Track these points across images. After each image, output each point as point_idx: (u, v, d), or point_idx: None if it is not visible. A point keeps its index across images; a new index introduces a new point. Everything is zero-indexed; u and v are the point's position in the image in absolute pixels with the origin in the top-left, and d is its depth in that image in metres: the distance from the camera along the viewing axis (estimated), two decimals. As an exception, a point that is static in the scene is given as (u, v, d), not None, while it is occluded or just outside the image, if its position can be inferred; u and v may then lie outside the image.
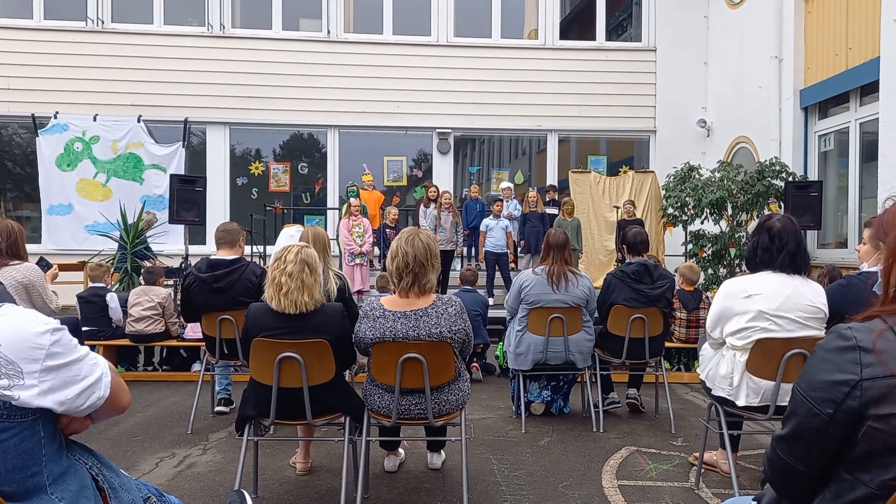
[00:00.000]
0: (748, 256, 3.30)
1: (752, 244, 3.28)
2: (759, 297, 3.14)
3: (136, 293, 6.29)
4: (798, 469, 1.37)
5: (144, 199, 10.77)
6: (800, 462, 1.37)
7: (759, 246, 3.21)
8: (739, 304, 3.20)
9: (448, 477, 3.80)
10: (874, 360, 1.25)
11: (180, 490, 3.53)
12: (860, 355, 1.27)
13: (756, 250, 3.23)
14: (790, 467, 1.39)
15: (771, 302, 3.13)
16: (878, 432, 1.25)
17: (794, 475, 1.39)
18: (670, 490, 3.59)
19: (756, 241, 3.24)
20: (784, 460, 1.40)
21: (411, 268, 3.13)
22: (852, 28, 8.29)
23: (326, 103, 11.65)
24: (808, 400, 1.33)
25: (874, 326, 1.29)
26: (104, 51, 11.24)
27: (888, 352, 1.25)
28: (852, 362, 1.27)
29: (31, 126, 11.00)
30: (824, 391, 1.31)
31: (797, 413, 1.37)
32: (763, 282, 3.18)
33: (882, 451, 1.25)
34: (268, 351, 3.09)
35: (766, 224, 3.24)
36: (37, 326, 1.37)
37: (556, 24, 12.28)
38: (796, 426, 1.37)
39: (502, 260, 9.68)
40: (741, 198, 8.74)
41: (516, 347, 4.79)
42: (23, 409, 1.34)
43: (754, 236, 3.28)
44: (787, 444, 1.39)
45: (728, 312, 3.25)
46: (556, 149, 12.39)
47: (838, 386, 1.28)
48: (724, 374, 3.30)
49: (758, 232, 3.26)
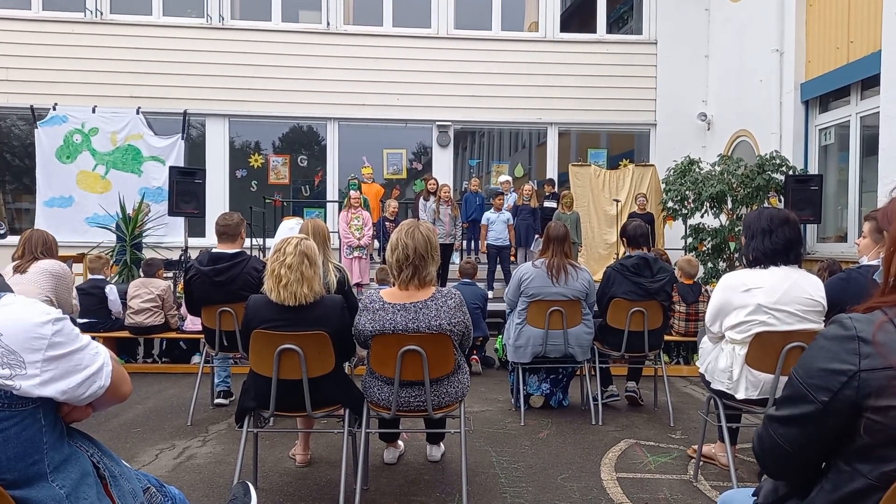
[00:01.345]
0: (746, 250, 3.28)
1: (749, 234, 3.25)
2: (759, 290, 3.15)
3: (136, 285, 6.30)
4: (786, 450, 1.39)
5: (143, 191, 10.75)
6: (788, 444, 1.38)
7: (779, 241, 3.16)
8: (738, 297, 3.20)
9: (447, 469, 3.81)
10: (873, 352, 1.25)
11: (180, 481, 3.54)
12: (859, 346, 1.27)
13: (754, 244, 3.21)
14: (778, 446, 1.40)
15: (770, 295, 3.13)
16: (877, 424, 1.25)
17: (781, 455, 1.40)
18: (669, 482, 3.61)
19: (775, 235, 3.17)
20: (773, 439, 1.41)
21: (411, 260, 3.13)
22: (853, 21, 8.26)
23: (326, 95, 11.62)
24: (805, 386, 1.34)
25: (875, 318, 1.29)
26: (103, 42, 11.20)
27: (888, 344, 1.25)
28: (851, 352, 1.28)
29: (29, 118, 10.96)
30: (821, 379, 1.31)
31: (792, 398, 1.38)
32: (762, 275, 3.18)
33: (882, 443, 1.26)
34: (268, 343, 3.09)
35: (762, 214, 3.23)
36: (38, 316, 1.37)
37: (556, 16, 12.23)
38: (790, 410, 1.38)
39: (504, 253, 9.69)
40: (741, 191, 8.73)
41: (516, 340, 4.80)
42: (24, 398, 1.34)
43: (750, 227, 3.26)
44: (779, 425, 1.40)
45: (727, 306, 3.26)
46: (556, 142, 12.37)
47: (835, 375, 1.29)
48: (724, 367, 3.30)
49: (778, 226, 3.19)
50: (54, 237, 4.80)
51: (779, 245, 3.17)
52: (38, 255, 4.58)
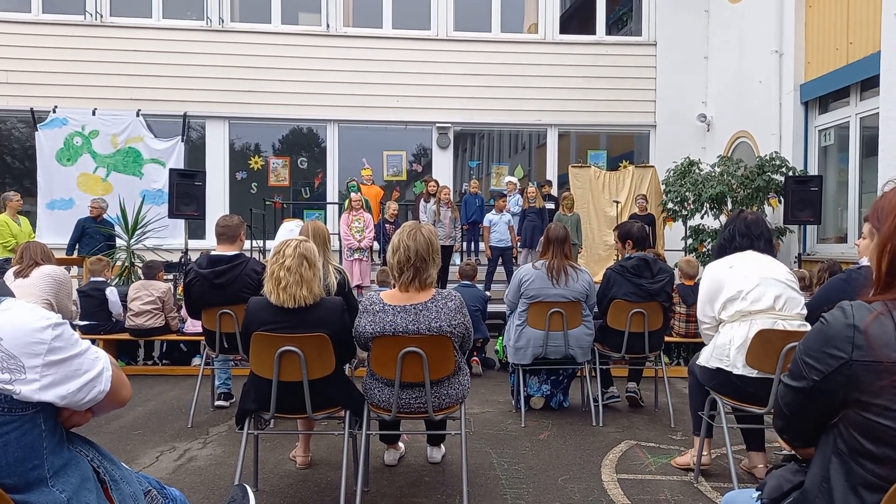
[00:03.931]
0: (724, 242, 3.50)
1: (727, 232, 3.49)
2: (743, 265, 3.33)
3: (136, 287, 6.30)
4: (784, 412, 1.53)
5: (144, 193, 10.76)
6: (786, 407, 1.52)
7: (738, 232, 3.43)
8: (726, 274, 3.35)
9: (448, 471, 3.81)
10: (864, 343, 1.29)
11: (181, 483, 3.54)
12: (854, 334, 1.31)
13: (734, 236, 3.43)
14: (779, 407, 1.56)
15: (755, 269, 3.29)
16: (864, 419, 1.30)
17: (781, 414, 1.56)
18: (669, 483, 3.60)
19: (732, 229, 3.46)
20: (778, 400, 1.57)
21: (412, 262, 3.13)
22: (853, 22, 8.27)
23: (326, 97, 11.63)
24: (801, 361, 1.43)
25: (874, 308, 1.31)
26: (103, 45, 11.21)
27: (878, 337, 1.27)
28: (846, 340, 1.33)
29: (29, 120, 10.96)
30: (816, 359, 1.39)
31: (793, 371, 1.48)
32: (743, 256, 3.37)
33: (875, 439, 1.28)
34: (268, 345, 3.09)
35: (740, 216, 3.51)
36: (38, 321, 1.37)
37: (555, 18, 12.24)
38: (790, 380, 1.49)
39: (506, 254, 9.71)
40: (741, 192, 8.74)
41: (516, 342, 4.80)
42: (24, 402, 1.34)
43: (729, 226, 3.53)
44: (784, 389, 1.53)
45: (717, 285, 3.36)
46: (556, 143, 12.38)
47: (829, 358, 1.35)
48: (721, 343, 3.30)
49: (732, 222, 3.51)
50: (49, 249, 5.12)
51: (730, 235, 3.45)
52: (39, 261, 4.69)
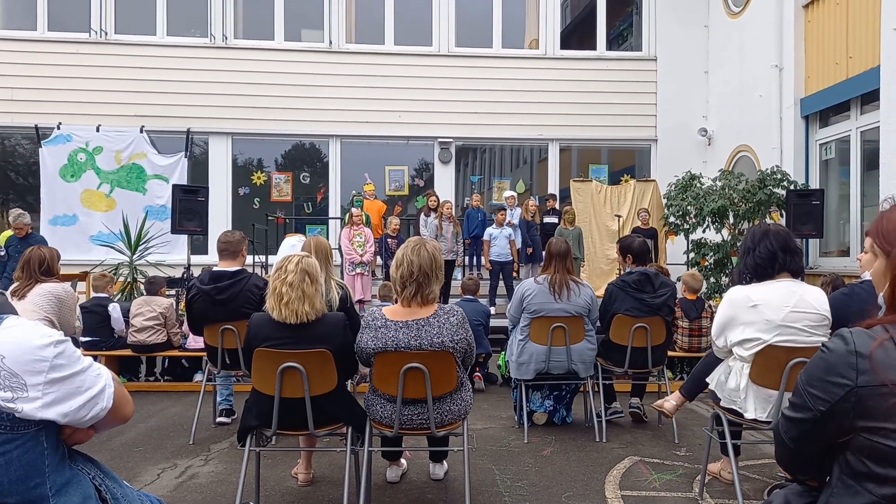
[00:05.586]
0: (762, 262, 3.16)
1: (765, 250, 3.15)
2: (765, 307, 3.11)
3: (138, 303, 6.30)
4: (788, 446, 1.49)
5: (147, 209, 10.80)
6: (789, 440, 1.48)
7: (780, 248, 3.12)
8: (745, 313, 3.16)
9: (450, 487, 3.79)
10: (869, 368, 1.28)
11: (182, 501, 3.52)
12: (857, 361, 1.30)
13: (775, 255, 3.13)
14: (782, 442, 1.51)
15: (777, 312, 3.09)
16: (871, 443, 1.28)
17: (784, 447, 1.51)
18: (674, 500, 3.58)
19: (771, 246, 3.13)
20: (779, 433, 1.52)
21: (415, 277, 3.13)
22: (852, 37, 8.31)
23: (328, 113, 11.69)
24: (805, 393, 1.41)
25: (875, 333, 1.31)
26: (107, 62, 11.30)
27: (883, 361, 1.27)
28: (849, 367, 1.32)
29: (34, 137, 11.02)
30: (820, 389, 1.36)
31: (795, 403, 1.45)
32: (767, 291, 3.13)
33: (881, 461, 1.27)
34: (270, 361, 3.08)
35: (769, 230, 3.19)
36: (40, 339, 1.37)
37: (556, 33, 12.33)
38: (793, 412, 1.46)
39: (507, 268, 9.70)
40: (743, 206, 8.74)
41: (518, 357, 4.78)
42: (26, 420, 1.34)
43: (762, 241, 3.17)
44: (786, 422, 1.49)
45: (733, 321, 3.22)
46: (558, 158, 12.42)
47: (833, 387, 1.34)
48: (733, 387, 3.27)
49: (764, 238, 3.17)
50: (55, 252, 4.74)
51: (762, 259, 3.15)
52: (38, 278, 4.52)
